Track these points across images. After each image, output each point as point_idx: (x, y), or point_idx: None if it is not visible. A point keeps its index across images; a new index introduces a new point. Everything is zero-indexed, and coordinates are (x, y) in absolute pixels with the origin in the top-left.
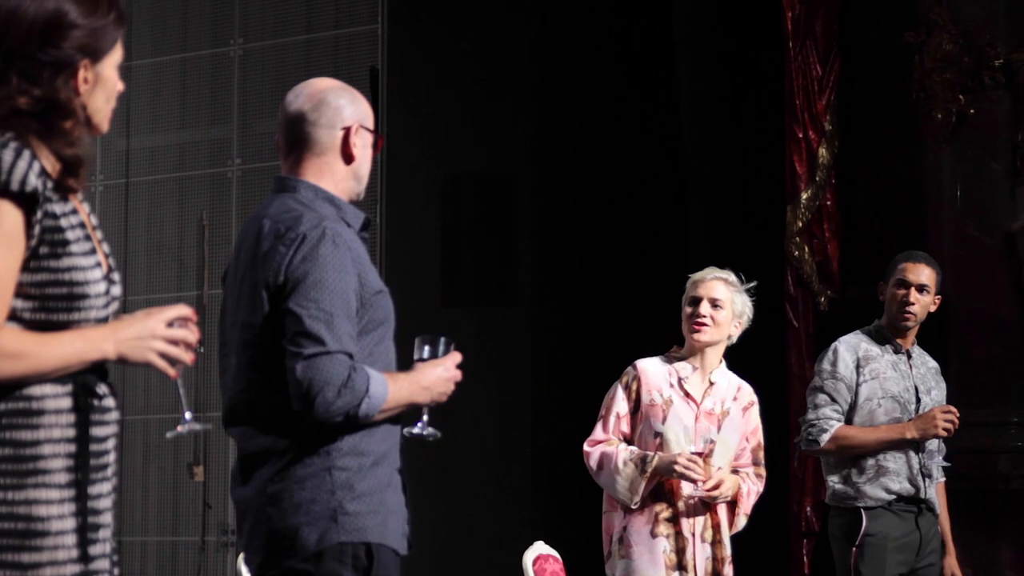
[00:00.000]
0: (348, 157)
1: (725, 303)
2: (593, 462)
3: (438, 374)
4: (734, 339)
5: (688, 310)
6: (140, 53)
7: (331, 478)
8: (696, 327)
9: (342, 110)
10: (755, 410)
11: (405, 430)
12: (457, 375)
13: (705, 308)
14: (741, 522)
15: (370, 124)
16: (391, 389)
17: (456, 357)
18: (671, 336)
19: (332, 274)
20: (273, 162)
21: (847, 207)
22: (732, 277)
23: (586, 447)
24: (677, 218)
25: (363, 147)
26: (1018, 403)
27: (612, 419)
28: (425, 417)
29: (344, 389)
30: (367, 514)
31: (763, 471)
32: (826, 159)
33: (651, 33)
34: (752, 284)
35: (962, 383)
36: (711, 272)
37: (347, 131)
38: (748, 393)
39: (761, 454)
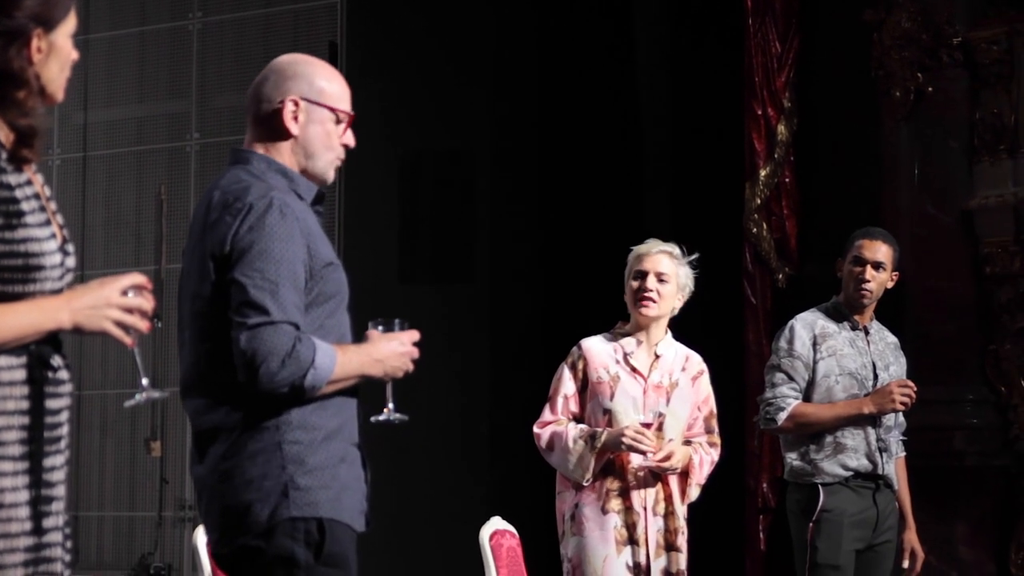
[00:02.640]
0: (283, 130)
1: (670, 276)
2: (543, 443)
3: (392, 347)
4: (676, 311)
5: (634, 284)
6: (98, 26)
7: (281, 453)
8: (643, 302)
9: (285, 82)
10: (705, 378)
11: (372, 418)
12: (413, 352)
13: (651, 282)
14: (694, 492)
15: (328, 100)
16: (339, 361)
17: (413, 334)
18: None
19: (278, 244)
20: (231, 136)
21: (805, 184)
22: (676, 250)
23: (536, 429)
24: (635, 195)
25: (309, 123)
26: (974, 380)
27: (560, 400)
28: (390, 403)
29: (288, 359)
30: (319, 489)
31: (717, 439)
32: (785, 136)
33: (611, 10)
34: (694, 256)
35: (918, 360)
36: (655, 245)
37: (283, 103)
38: (697, 362)
39: (714, 422)
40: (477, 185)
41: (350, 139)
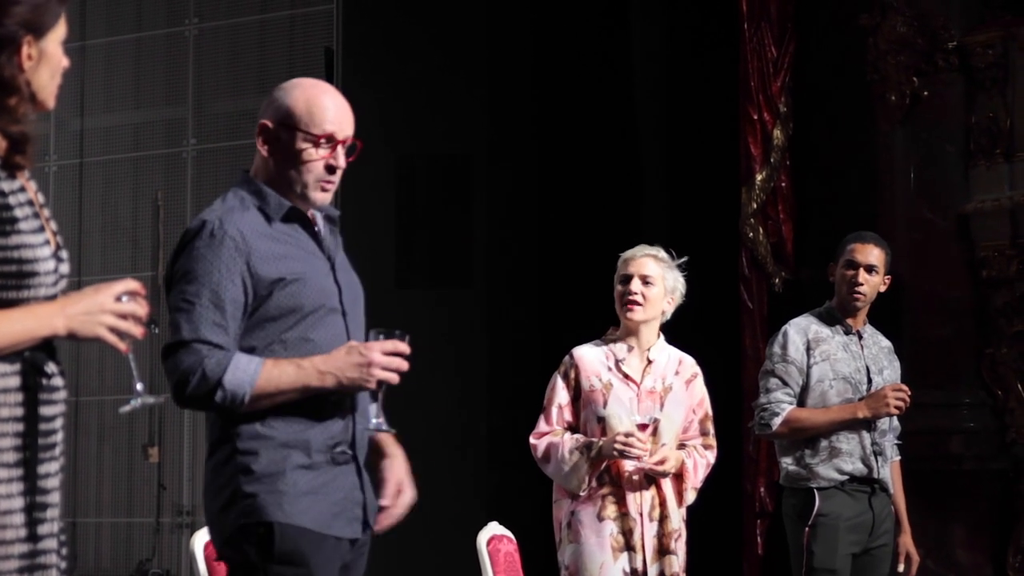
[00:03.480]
0: (262, 152)
1: (656, 280)
2: (540, 454)
3: (351, 359)
4: (668, 315)
5: (620, 288)
6: (94, 32)
7: (234, 463)
8: (628, 305)
9: (270, 105)
10: (699, 381)
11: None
12: (383, 361)
13: (636, 285)
14: (690, 496)
15: (296, 123)
16: (266, 375)
17: (387, 345)
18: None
19: (200, 264)
20: (228, 142)
21: (801, 189)
22: (662, 253)
23: (532, 440)
24: (632, 200)
25: (280, 148)
26: (970, 384)
27: (554, 410)
28: (378, 415)
29: (193, 377)
30: (265, 494)
31: (712, 441)
32: (780, 141)
33: (607, 14)
34: (683, 260)
35: (915, 364)
36: (641, 249)
37: (260, 126)
38: (690, 365)
39: (709, 424)
40: (474, 190)
41: (338, 159)
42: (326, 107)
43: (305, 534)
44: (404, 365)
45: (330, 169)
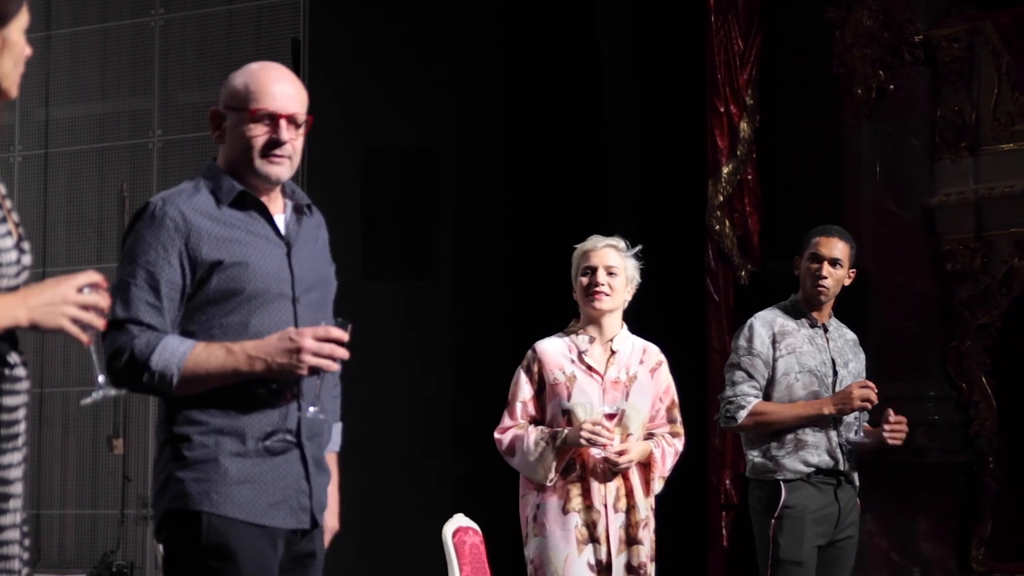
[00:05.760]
0: (212, 138)
1: (619, 270)
2: (505, 447)
3: (281, 345)
4: (626, 303)
5: (584, 280)
6: (60, 22)
7: (169, 449)
8: (595, 296)
9: (223, 90)
10: (664, 369)
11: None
12: (311, 346)
13: (602, 276)
14: (658, 486)
15: (237, 102)
16: (195, 359)
17: (320, 331)
18: None
19: (139, 245)
20: (194, 133)
21: (768, 181)
22: (621, 243)
23: (497, 435)
24: (599, 192)
25: (229, 129)
26: (935, 377)
27: (518, 406)
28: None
29: (122, 357)
30: (192, 482)
31: (680, 428)
32: (747, 133)
33: (574, 7)
34: (637, 248)
35: (880, 357)
36: (600, 240)
37: (211, 113)
38: (655, 354)
39: (676, 412)
40: (441, 182)
41: (280, 133)
42: (266, 84)
43: (234, 525)
44: (338, 352)
45: (273, 143)
